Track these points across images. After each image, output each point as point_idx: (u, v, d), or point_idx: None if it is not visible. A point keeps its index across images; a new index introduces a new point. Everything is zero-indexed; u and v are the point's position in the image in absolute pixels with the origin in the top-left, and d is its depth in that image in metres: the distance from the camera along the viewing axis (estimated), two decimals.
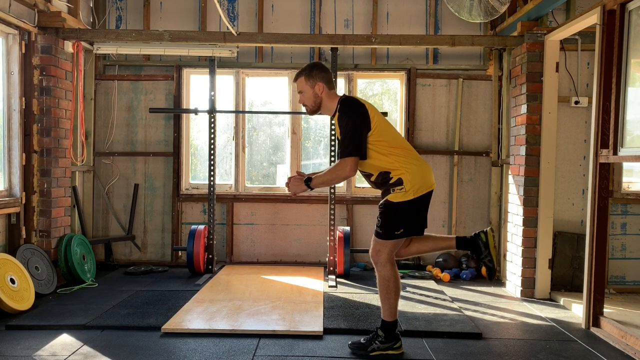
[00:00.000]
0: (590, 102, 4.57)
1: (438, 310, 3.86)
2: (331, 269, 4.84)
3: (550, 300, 4.27)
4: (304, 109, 3.18)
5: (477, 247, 3.03)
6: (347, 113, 2.93)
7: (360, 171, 3.03)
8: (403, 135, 5.29)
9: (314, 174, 3.07)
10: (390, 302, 2.96)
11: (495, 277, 3.08)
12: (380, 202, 2.98)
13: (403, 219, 2.93)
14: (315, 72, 3.02)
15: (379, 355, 2.98)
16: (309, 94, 3.04)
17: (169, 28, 5.31)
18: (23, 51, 4.28)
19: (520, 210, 4.43)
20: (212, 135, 4.99)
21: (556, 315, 3.87)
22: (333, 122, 3.05)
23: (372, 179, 3.01)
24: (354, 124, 2.89)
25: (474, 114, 5.38)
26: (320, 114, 3.12)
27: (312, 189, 3.01)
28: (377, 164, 2.94)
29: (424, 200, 2.95)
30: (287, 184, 3.06)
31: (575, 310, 3.93)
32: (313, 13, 5.39)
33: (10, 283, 3.69)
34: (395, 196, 2.90)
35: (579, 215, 4.78)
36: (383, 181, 2.96)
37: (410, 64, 5.38)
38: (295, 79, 3.09)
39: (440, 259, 5.24)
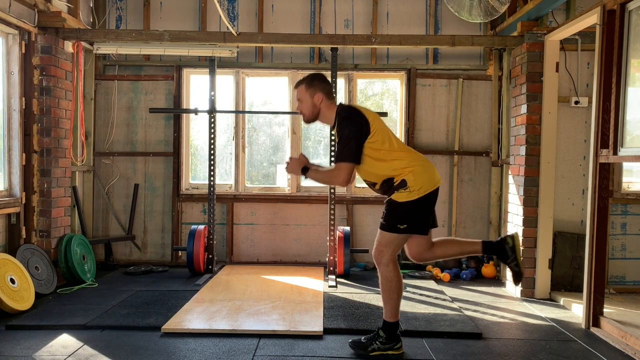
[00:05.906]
0: (590, 102, 4.56)
1: (438, 310, 3.86)
2: (331, 269, 4.84)
3: (550, 300, 4.28)
4: None
5: (504, 251, 3.06)
6: (344, 122, 2.98)
7: (365, 180, 3.09)
8: (403, 136, 5.37)
9: (318, 166, 3.17)
10: (392, 303, 2.97)
11: (521, 281, 3.12)
12: (386, 200, 3.01)
13: (408, 216, 2.94)
14: (316, 82, 3.08)
15: (379, 355, 2.98)
16: (308, 103, 3.08)
17: (169, 28, 5.31)
18: (23, 51, 4.28)
19: (520, 210, 4.43)
20: (212, 135, 4.99)
21: (556, 315, 3.87)
22: (333, 132, 3.15)
23: (377, 187, 3.05)
24: (350, 132, 2.94)
25: (474, 114, 5.37)
26: (321, 122, 3.17)
27: (306, 178, 3.12)
28: (380, 172, 2.97)
29: (429, 199, 2.96)
30: (287, 162, 3.14)
31: (575, 310, 3.93)
32: (313, 13, 5.39)
33: (10, 283, 3.69)
34: (400, 196, 2.91)
35: (579, 215, 4.78)
36: (387, 187, 2.99)
37: (410, 64, 5.37)
38: (296, 87, 3.14)
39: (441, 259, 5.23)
